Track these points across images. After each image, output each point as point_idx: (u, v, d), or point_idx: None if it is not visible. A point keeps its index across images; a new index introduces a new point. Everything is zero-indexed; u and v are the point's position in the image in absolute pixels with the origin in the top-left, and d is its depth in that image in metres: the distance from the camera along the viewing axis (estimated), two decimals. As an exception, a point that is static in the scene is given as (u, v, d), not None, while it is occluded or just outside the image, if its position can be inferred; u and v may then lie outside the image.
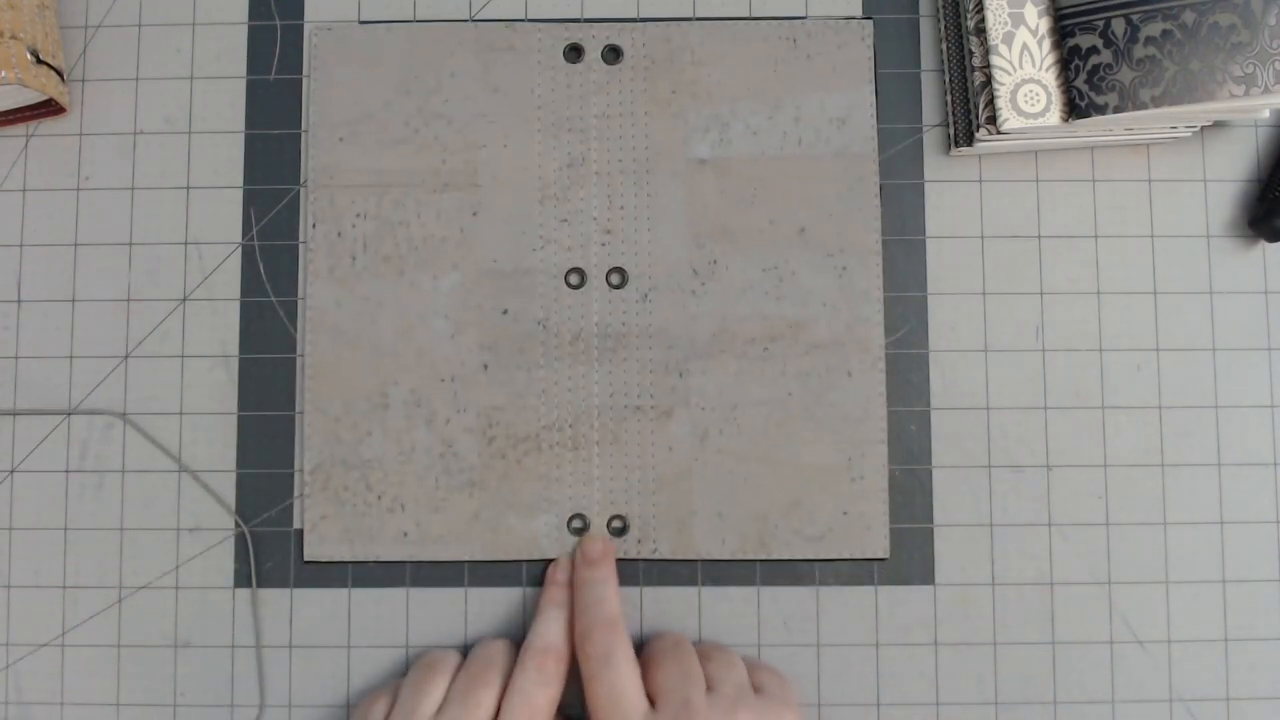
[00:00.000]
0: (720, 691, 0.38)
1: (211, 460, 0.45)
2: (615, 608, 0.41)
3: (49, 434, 0.45)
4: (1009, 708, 0.43)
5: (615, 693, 0.38)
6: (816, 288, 0.45)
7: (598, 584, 0.42)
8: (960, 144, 0.45)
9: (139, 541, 0.44)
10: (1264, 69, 0.40)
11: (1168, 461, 0.44)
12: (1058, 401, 0.45)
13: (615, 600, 0.41)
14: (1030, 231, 0.45)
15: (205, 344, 0.45)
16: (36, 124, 0.46)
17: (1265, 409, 0.45)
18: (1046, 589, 0.44)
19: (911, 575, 0.44)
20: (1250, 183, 0.46)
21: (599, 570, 0.42)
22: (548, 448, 0.44)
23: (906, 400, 0.45)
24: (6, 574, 0.44)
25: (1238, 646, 0.44)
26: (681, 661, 0.39)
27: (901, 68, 0.46)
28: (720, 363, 0.44)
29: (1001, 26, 0.43)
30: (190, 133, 0.46)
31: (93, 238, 0.45)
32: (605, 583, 0.42)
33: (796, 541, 0.44)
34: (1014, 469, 0.44)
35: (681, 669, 0.39)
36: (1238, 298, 0.45)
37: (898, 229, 0.45)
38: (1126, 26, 0.41)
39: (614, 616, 0.40)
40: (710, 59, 0.45)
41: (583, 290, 0.45)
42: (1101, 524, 0.44)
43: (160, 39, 0.46)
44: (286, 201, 0.46)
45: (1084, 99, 0.41)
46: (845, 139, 0.45)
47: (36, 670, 0.44)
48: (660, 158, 0.45)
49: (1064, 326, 0.45)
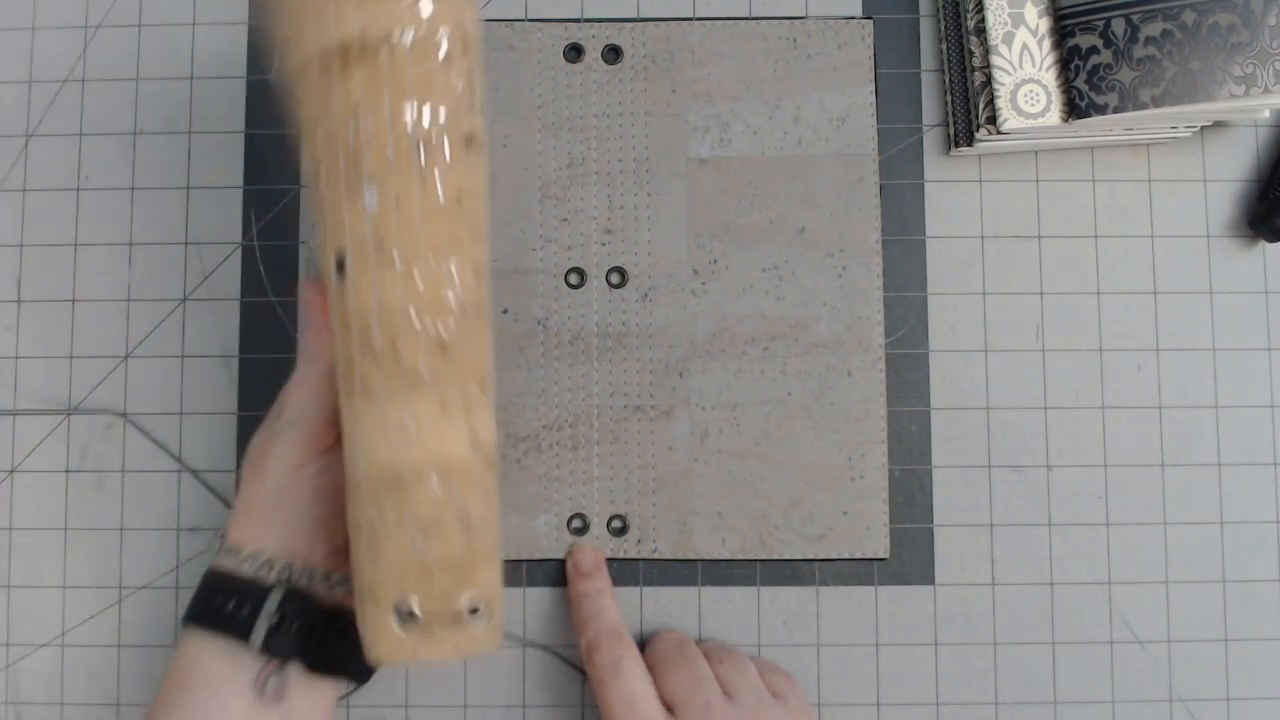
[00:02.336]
0: (739, 699, 0.38)
1: (211, 460, 0.45)
2: (617, 616, 0.41)
3: (49, 434, 0.45)
4: (1009, 708, 0.43)
5: (630, 700, 0.38)
6: (816, 287, 0.45)
7: (595, 596, 0.42)
8: (960, 144, 0.45)
9: (139, 541, 0.44)
10: (1264, 69, 0.40)
11: (1168, 461, 0.44)
12: (1058, 401, 0.45)
13: (615, 609, 0.41)
14: (1030, 231, 0.45)
15: (205, 344, 0.45)
16: (37, 126, 0.46)
17: (1265, 409, 0.45)
18: (1046, 589, 0.44)
19: (911, 575, 0.44)
20: (1250, 183, 0.46)
21: (595, 582, 0.42)
22: (547, 447, 0.44)
23: (906, 400, 0.45)
24: (6, 574, 0.44)
25: (1238, 646, 0.44)
26: (692, 666, 0.39)
27: (901, 68, 0.46)
28: (720, 362, 0.44)
29: (1001, 26, 0.43)
30: (190, 133, 0.46)
31: (93, 238, 0.45)
32: (603, 594, 0.42)
33: (796, 541, 0.44)
34: (1014, 469, 0.44)
35: (694, 674, 0.39)
36: (1238, 298, 0.45)
37: (898, 229, 0.45)
38: (1126, 26, 0.41)
39: (618, 626, 0.40)
40: (710, 59, 0.46)
41: (583, 290, 0.45)
42: (1101, 524, 0.44)
43: (160, 39, 0.46)
44: (286, 201, 0.46)
45: (1084, 99, 0.41)
46: (845, 139, 0.45)
47: (36, 670, 0.44)
48: (660, 157, 0.45)
49: (1064, 326, 0.45)
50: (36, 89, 0.46)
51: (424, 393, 0.31)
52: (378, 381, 0.31)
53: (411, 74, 0.30)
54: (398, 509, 0.31)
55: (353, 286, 0.31)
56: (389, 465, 0.31)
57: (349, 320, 0.31)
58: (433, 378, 0.31)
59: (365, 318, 0.31)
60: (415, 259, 0.30)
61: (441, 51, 0.31)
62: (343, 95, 0.30)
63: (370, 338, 0.31)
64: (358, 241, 0.31)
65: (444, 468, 0.31)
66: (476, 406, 0.32)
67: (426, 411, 0.31)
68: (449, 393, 0.31)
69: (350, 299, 0.31)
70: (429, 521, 0.31)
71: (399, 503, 0.31)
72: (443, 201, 0.31)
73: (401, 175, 0.30)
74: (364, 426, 0.31)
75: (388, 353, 0.31)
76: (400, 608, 0.31)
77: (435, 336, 0.31)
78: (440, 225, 0.31)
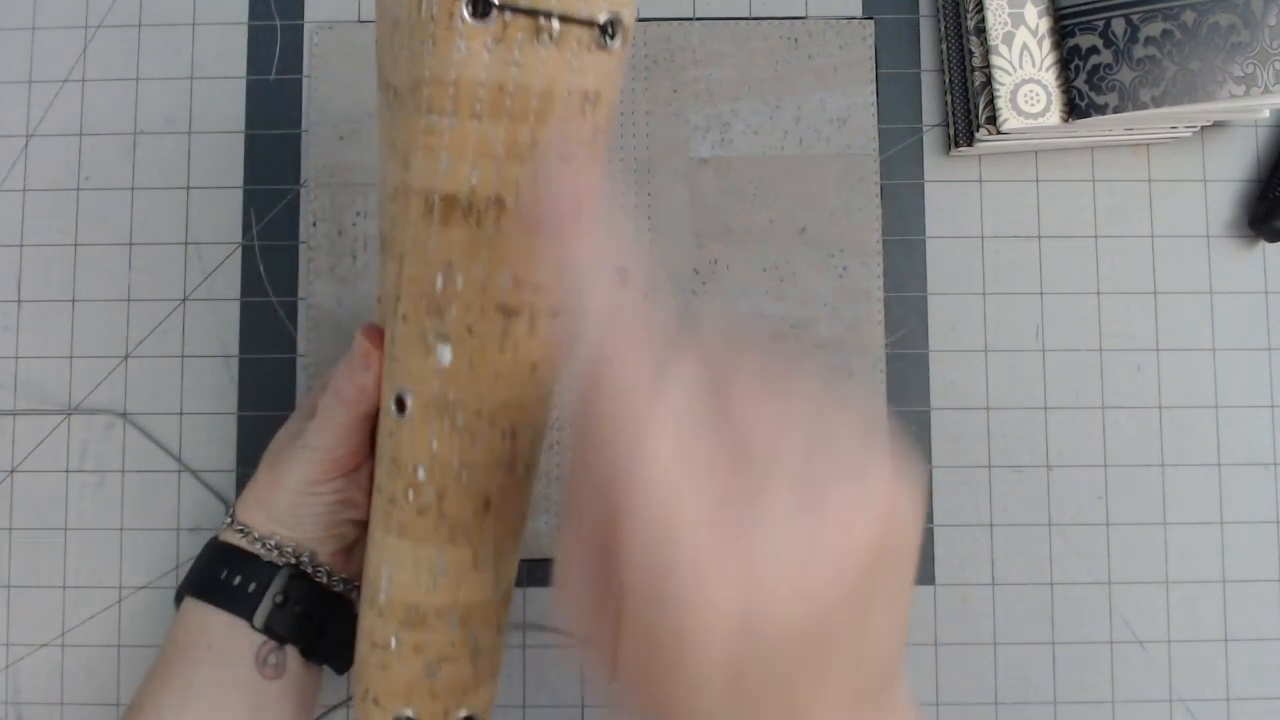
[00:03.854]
0: None
1: (211, 460, 0.45)
2: None
3: (49, 434, 0.45)
4: (1009, 708, 0.43)
5: None
6: (817, 288, 0.45)
7: None
8: (960, 144, 0.45)
9: (139, 541, 0.44)
10: (1264, 69, 0.40)
11: (1168, 461, 0.44)
12: (1058, 401, 0.45)
13: None
14: (1030, 231, 0.45)
15: (205, 344, 0.45)
16: (37, 126, 0.46)
17: (1265, 409, 0.45)
18: (1046, 589, 0.44)
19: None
20: (1250, 183, 0.46)
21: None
22: (548, 447, 0.44)
23: (906, 400, 0.45)
24: (6, 574, 0.44)
25: (1238, 646, 0.44)
26: None
27: (902, 68, 0.46)
28: (720, 363, 0.44)
29: (1001, 26, 0.43)
30: (190, 133, 0.46)
31: (93, 238, 0.45)
32: None
33: (797, 541, 0.44)
34: (1014, 469, 0.44)
35: None
36: (1238, 298, 0.45)
37: (898, 229, 0.45)
38: (1126, 26, 0.41)
39: None
40: (711, 59, 0.45)
41: (583, 290, 0.45)
42: (1101, 524, 0.44)
43: (160, 39, 0.46)
44: (286, 201, 0.46)
45: (1084, 99, 0.41)
46: (846, 139, 0.45)
47: (36, 670, 0.44)
48: (661, 157, 0.45)
49: (1064, 326, 0.45)
50: (36, 89, 0.46)
51: (460, 547, 0.30)
52: (416, 526, 0.30)
53: (516, 243, 0.28)
54: (415, 642, 0.31)
55: (409, 431, 0.30)
56: (413, 604, 0.31)
57: (400, 460, 0.30)
58: (472, 534, 0.30)
59: (415, 464, 0.30)
60: (477, 422, 0.29)
61: None
62: (438, 247, 0.28)
63: (417, 485, 0.30)
64: (423, 389, 0.29)
65: (466, 612, 0.31)
66: (507, 555, 0.32)
67: (459, 563, 0.30)
68: (484, 548, 0.31)
69: (404, 442, 0.30)
70: (443, 657, 0.31)
71: (417, 637, 0.31)
72: (518, 369, 0.29)
73: (480, 339, 0.28)
74: (393, 559, 0.31)
75: (432, 503, 0.30)
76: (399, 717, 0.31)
77: (482, 495, 0.30)
78: (510, 391, 0.29)
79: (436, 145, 0.27)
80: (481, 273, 0.28)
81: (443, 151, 0.27)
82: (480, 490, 0.30)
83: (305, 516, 0.35)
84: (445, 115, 0.27)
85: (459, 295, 0.28)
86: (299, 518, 0.35)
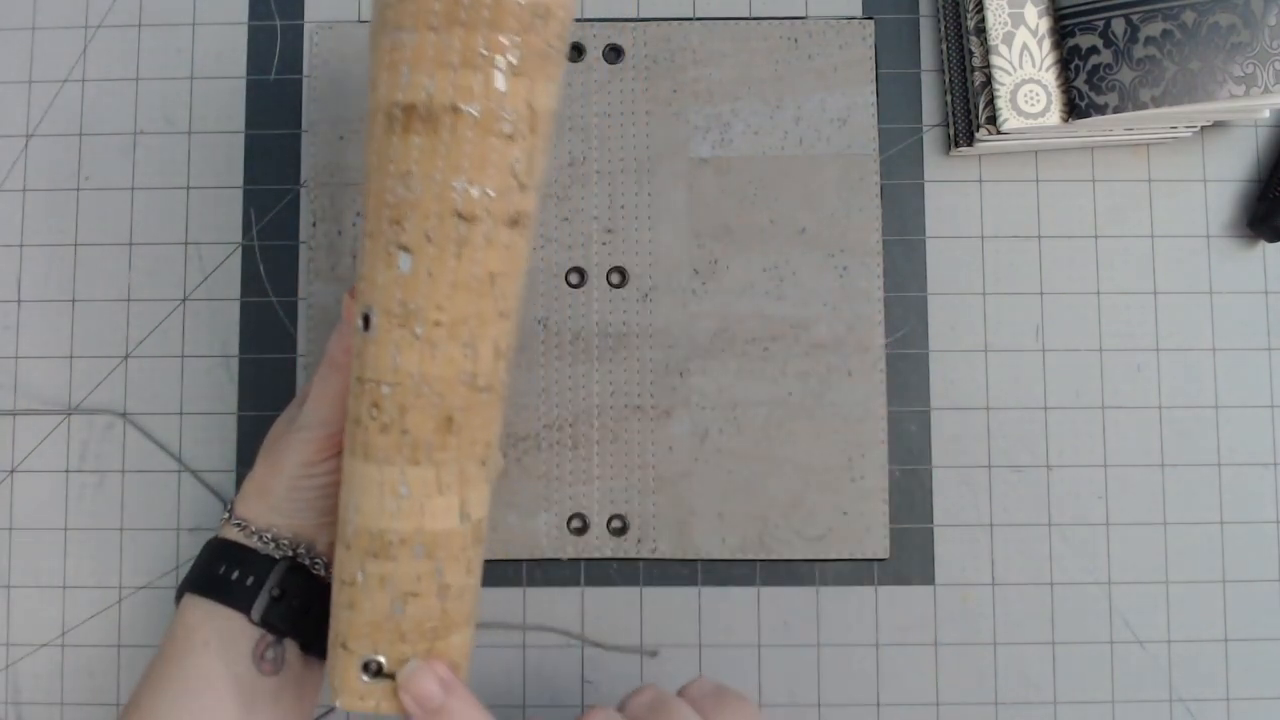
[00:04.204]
0: None
1: (211, 460, 0.45)
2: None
3: (49, 434, 0.45)
4: (1009, 708, 0.43)
5: None
6: (817, 288, 0.45)
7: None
8: (960, 144, 0.45)
9: (139, 541, 0.44)
10: (1264, 69, 0.40)
11: (1168, 461, 0.44)
12: (1058, 401, 0.45)
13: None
14: (1030, 231, 0.45)
15: (205, 344, 0.45)
16: (37, 126, 0.46)
17: (1265, 409, 0.45)
18: (1046, 589, 0.44)
19: (911, 575, 0.44)
20: (1250, 183, 0.46)
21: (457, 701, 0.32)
22: (548, 447, 0.44)
23: (906, 400, 0.45)
24: (6, 574, 0.44)
25: (1238, 646, 0.44)
26: None
27: (902, 68, 0.46)
28: (720, 362, 0.44)
29: (1001, 26, 0.43)
30: (190, 133, 0.46)
31: (93, 238, 0.45)
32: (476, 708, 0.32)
33: (796, 541, 0.44)
34: (1014, 469, 0.44)
35: None
36: (1238, 298, 0.45)
37: (898, 229, 0.45)
38: (1126, 26, 0.41)
39: None
40: (711, 58, 0.45)
41: (583, 289, 0.45)
42: (1101, 524, 0.44)
43: (160, 39, 0.46)
44: (286, 201, 0.46)
45: (1084, 99, 0.41)
46: (846, 139, 0.45)
47: (36, 670, 0.44)
48: (661, 157, 0.45)
49: (1064, 326, 0.45)
50: (36, 89, 0.46)
51: (423, 466, 0.31)
52: (380, 445, 0.31)
53: (469, 149, 0.29)
54: (380, 573, 0.31)
55: (373, 346, 0.30)
56: (377, 531, 0.31)
57: (364, 378, 0.31)
58: (434, 452, 0.31)
59: (379, 380, 0.30)
60: (436, 331, 0.30)
61: (506, 129, 0.30)
62: (398, 156, 0.30)
63: (380, 401, 0.30)
64: (385, 302, 0.30)
65: (430, 541, 0.31)
66: (473, 483, 0.32)
67: (422, 485, 0.31)
68: (447, 469, 0.31)
69: (368, 358, 0.31)
70: (409, 590, 0.31)
71: (382, 568, 0.31)
72: (475, 278, 0.30)
73: (438, 246, 0.30)
74: (359, 486, 0.31)
75: (395, 420, 0.30)
76: (369, 662, 0.31)
77: (444, 412, 0.30)
78: (468, 301, 0.30)
79: (399, 60, 0.29)
80: (440, 178, 0.29)
81: (404, 65, 0.29)
82: (442, 406, 0.30)
83: (303, 501, 0.35)
84: (406, 31, 0.29)
85: (418, 203, 0.29)
86: (297, 503, 0.35)
